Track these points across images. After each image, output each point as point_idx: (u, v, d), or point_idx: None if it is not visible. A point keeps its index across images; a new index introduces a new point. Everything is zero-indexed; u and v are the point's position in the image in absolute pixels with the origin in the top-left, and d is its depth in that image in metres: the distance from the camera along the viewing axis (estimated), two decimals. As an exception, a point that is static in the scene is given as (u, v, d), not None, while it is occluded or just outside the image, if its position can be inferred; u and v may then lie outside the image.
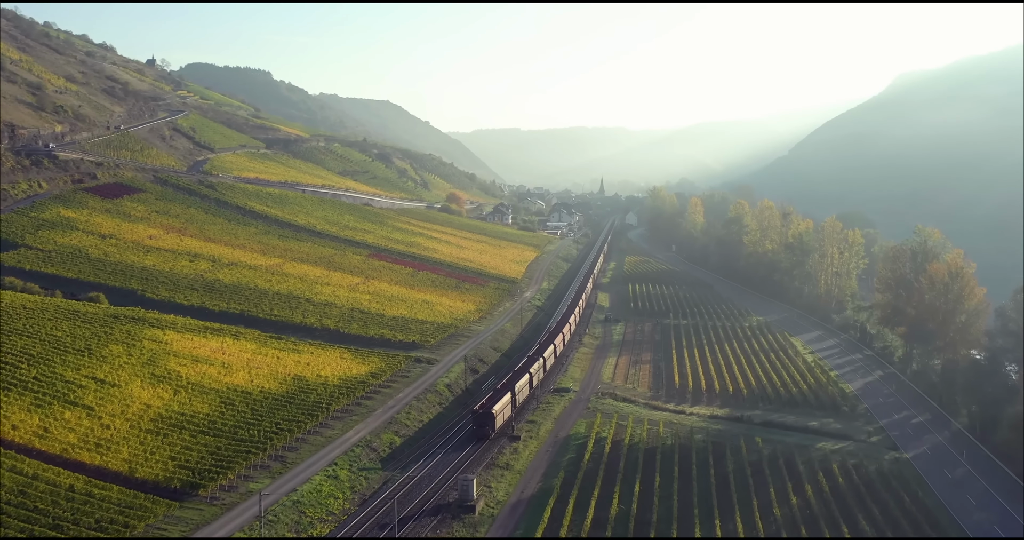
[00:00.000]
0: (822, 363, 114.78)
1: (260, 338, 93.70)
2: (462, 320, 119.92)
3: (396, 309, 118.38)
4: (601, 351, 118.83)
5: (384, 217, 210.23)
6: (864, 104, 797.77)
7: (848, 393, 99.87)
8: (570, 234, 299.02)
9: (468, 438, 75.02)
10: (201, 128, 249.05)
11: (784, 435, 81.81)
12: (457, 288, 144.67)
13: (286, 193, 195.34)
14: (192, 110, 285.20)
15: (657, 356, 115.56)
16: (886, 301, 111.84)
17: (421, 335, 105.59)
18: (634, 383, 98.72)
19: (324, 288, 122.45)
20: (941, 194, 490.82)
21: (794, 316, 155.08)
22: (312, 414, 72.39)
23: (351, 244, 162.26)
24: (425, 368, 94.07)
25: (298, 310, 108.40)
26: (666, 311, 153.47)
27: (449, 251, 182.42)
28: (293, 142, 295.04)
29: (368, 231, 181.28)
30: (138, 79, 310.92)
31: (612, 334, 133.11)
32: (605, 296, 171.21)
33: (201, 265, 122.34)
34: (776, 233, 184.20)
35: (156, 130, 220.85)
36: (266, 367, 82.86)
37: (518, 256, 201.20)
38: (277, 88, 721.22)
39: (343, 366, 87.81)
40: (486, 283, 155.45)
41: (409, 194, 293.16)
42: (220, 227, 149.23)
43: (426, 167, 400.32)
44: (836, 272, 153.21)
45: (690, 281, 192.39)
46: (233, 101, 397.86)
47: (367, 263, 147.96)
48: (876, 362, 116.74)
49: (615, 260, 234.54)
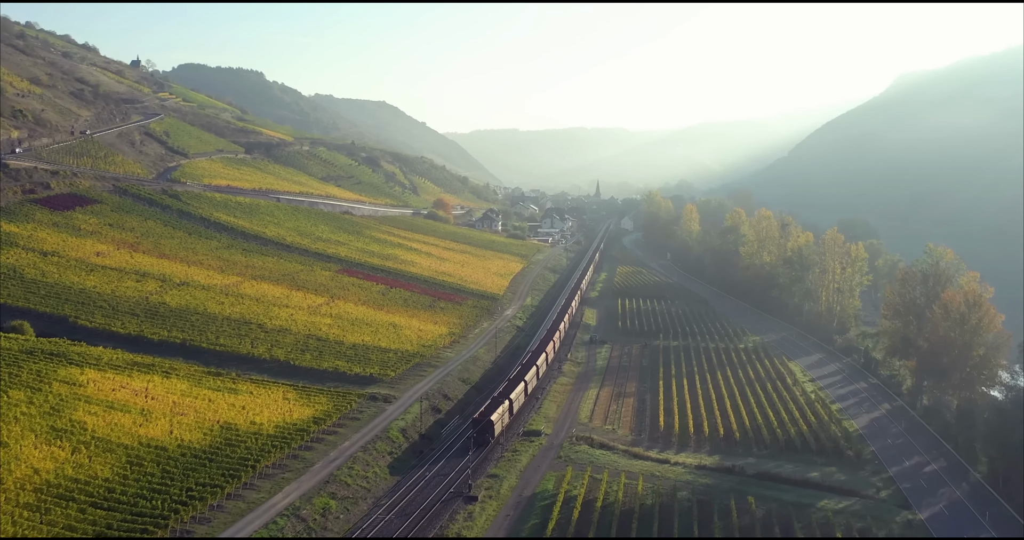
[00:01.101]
0: (823, 395, 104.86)
1: (195, 375, 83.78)
2: (431, 346, 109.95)
3: (358, 335, 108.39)
4: (582, 381, 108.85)
5: (363, 227, 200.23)
6: (864, 105, 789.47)
7: (852, 433, 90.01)
8: (562, 241, 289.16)
9: (414, 500, 65.23)
10: (176, 132, 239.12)
11: (781, 491, 71.85)
12: (431, 307, 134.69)
13: (258, 202, 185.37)
14: (170, 113, 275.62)
15: (643, 387, 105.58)
16: (894, 329, 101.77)
17: (381, 367, 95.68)
18: (614, 424, 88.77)
19: (281, 311, 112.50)
20: (943, 197, 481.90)
21: (793, 336, 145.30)
22: (235, 474, 62.50)
23: (321, 258, 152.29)
24: (380, 408, 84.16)
25: (247, 338, 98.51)
26: (656, 331, 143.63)
27: (428, 264, 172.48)
28: (275, 146, 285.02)
29: (342, 243, 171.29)
30: (116, 81, 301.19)
31: (596, 358, 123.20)
32: (593, 313, 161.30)
33: (148, 285, 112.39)
34: (774, 244, 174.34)
35: (125, 135, 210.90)
36: (192, 413, 72.88)
37: (503, 268, 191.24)
38: (270, 89, 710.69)
39: (284, 409, 77.85)
40: (464, 300, 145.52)
41: (395, 200, 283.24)
42: (178, 241, 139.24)
43: (416, 171, 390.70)
44: (838, 288, 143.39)
45: (683, 295, 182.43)
46: (218, 103, 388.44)
47: (335, 280, 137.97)
48: (882, 393, 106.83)
49: (607, 270, 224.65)
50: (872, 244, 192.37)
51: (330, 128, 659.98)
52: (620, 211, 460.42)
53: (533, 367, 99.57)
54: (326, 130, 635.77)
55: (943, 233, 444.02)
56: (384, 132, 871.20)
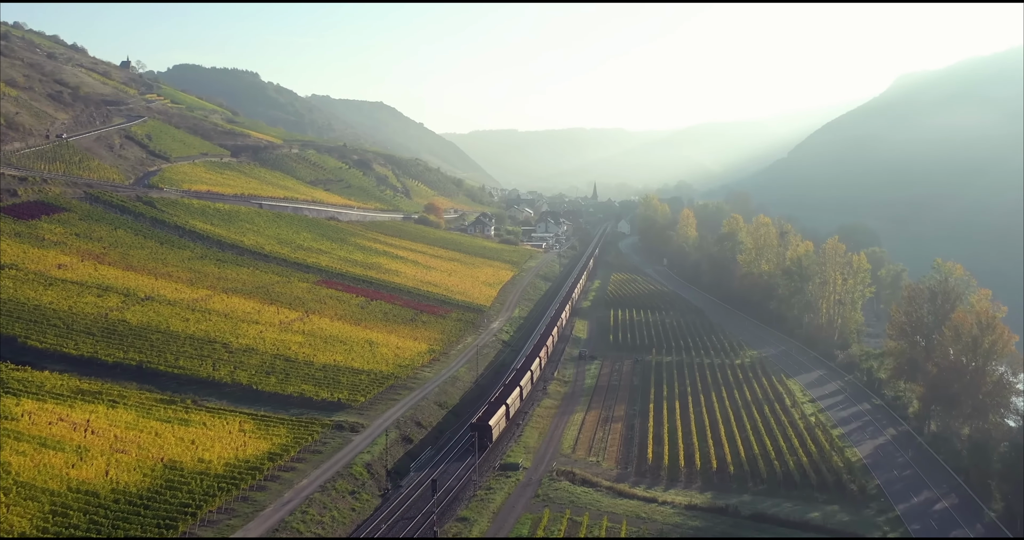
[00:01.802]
0: (824, 418, 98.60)
1: (144, 404, 77.52)
2: (407, 366, 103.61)
3: (330, 354, 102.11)
4: (568, 403, 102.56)
5: (348, 233, 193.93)
6: (864, 106, 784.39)
7: (855, 463, 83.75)
8: (556, 246, 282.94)
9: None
10: (158, 135, 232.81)
11: (778, 534, 65.65)
12: (412, 321, 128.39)
13: (238, 208, 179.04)
14: (155, 115, 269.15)
15: (632, 410, 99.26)
16: (900, 350, 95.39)
17: (351, 391, 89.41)
18: (599, 455, 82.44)
19: (250, 328, 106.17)
20: (945, 200, 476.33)
21: (792, 349, 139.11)
22: (171, 524, 56.25)
23: (300, 269, 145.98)
24: (345, 438, 77.90)
25: (209, 359, 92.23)
26: (649, 344, 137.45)
27: (414, 273, 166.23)
28: (263, 149, 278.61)
29: (324, 251, 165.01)
30: (100, 82, 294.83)
31: (585, 376, 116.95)
32: (584, 325, 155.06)
33: (110, 301, 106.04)
34: (773, 253, 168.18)
35: (104, 138, 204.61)
36: (135, 450, 66.59)
37: (492, 277, 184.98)
38: (264, 90, 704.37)
39: (238, 443, 71.55)
40: (448, 313, 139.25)
41: (385, 204, 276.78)
42: (148, 252, 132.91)
43: (410, 173, 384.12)
44: (839, 300, 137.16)
45: (679, 305, 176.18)
46: (208, 104, 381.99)
47: (312, 293, 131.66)
48: (886, 415, 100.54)
49: (600, 277, 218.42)
50: (874, 252, 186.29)
51: (325, 129, 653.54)
52: (617, 214, 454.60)
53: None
54: (321, 131, 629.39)
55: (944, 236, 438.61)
56: (381, 133, 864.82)
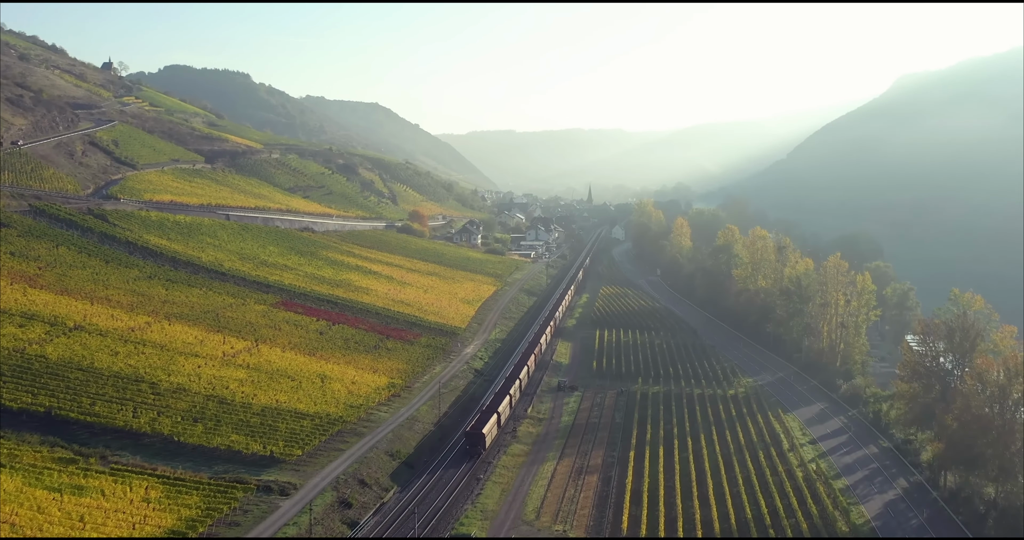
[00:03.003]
0: (825, 466, 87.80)
1: (37, 465, 66.72)
2: (361, 406, 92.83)
3: (273, 392, 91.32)
4: (540, 447, 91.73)
5: (320, 246, 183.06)
6: (864, 107, 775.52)
7: (862, 526, 73.02)
8: (545, 255, 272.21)
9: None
10: (127, 141, 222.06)
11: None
12: (375, 349, 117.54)
13: (202, 220, 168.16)
14: (129, 119, 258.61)
15: (611, 456, 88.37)
16: (912, 394, 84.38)
17: (288, 441, 78.65)
18: (567, 521, 71.48)
19: (187, 363, 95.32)
20: (946, 203, 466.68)
21: (791, 376, 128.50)
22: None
23: (259, 288, 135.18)
24: (272, 505, 67.12)
25: (131, 403, 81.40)
26: (636, 371, 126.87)
27: (386, 291, 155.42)
28: (241, 154, 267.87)
29: (290, 268, 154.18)
30: (73, 85, 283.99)
31: (562, 412, 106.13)
32: (567, 347, 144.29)
33: (33, 331, 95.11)
34: (770, 268, 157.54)
35: (65, 145, 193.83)
36: (4, 533, 55.85)
37: (472, 292, 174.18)
38: (255, 91, 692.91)
39: (137, 517, 60.83)
40: (417, 337, 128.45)
41: (368, 212, 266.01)
42: (90, 272, 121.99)
43: (398, 177, 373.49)
44: (841, 323, 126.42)
45: (670, 323, 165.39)
46: (191, 107, 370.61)
47: (268, 317, 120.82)
48: (896, 462, 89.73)
49: (589, 290, 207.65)
50: (879, 267, 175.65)
51: (316, 132, 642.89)
52: (612, 218, 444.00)
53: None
54: (312, 134, 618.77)
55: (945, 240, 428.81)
56: (376, 135, 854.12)
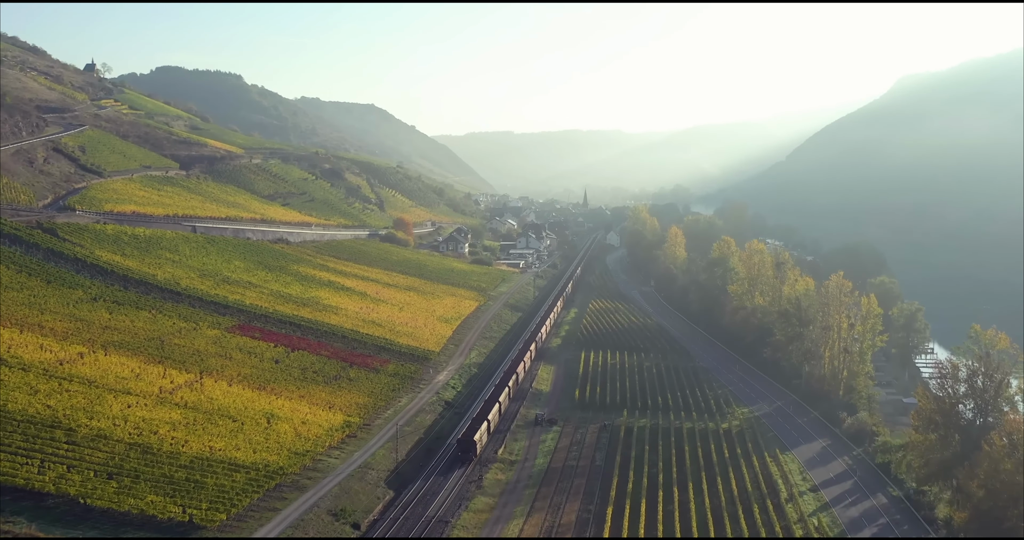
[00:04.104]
0: (827, 522, 77.86)
1: (-98, 543, 56.85)
2: (307, 453, 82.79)
3: (210, 437, 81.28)
4: (507, 501, 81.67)
5: (292, 259, 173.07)
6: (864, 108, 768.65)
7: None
8: (536, 264, 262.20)
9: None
10: (95, 147, 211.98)
11: None
12: (336, 380, 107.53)
13: (164, 233, 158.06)
14: (103, 123, 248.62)
15: (586, 513, 78.30)
16: (927, 445, 74.22)
17: (213, 501, 68.63)
18: (528, 603, 61.63)
19: (117, 401, 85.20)
20: (949, 208, 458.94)
21: (790, 406, 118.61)
22: None
23: (216, 309, 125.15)
24: (180, 589, 57.20)
25: (39, 455, 71.34)
26: (622, 401, 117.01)
27: (357, 309, 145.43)
28: (219, 160, 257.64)
29: (254, 285, 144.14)
30: (46, 88, 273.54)
31: (537, 453, 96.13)
32: (548, 372, 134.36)
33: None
34: (768, 285, 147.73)
35: (25, 152, 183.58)
36: None
37: (452, 309, 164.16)
38: (247, 93, 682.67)
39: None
40: (386, 364, 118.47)
41: (351, 220, 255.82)
42: (27, 294, 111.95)
43: (387, 182, 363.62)
44: (845, 348, 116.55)
45: (662, 343, 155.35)
46: (174, 110, 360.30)
47: (219, 343, 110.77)
48: (908, 517, 79.70)
49: (579, 304, 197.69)
50: (883, 283, 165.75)
51: (308, 134, 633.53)
52: (608, 223, 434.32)
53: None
54: (304, 136, 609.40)
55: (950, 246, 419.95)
56: (371, 136, 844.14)
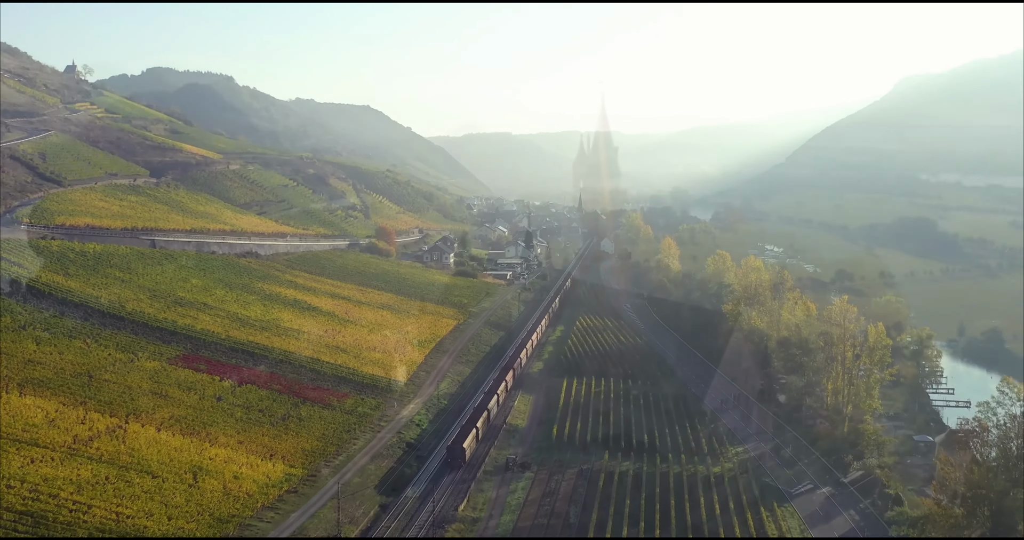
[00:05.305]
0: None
1: None
2: (234, 518, 71.85)
3: (120, 500, 70.32)
4: (463, 573, 70.94)
5: (258, 275, 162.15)
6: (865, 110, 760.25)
7: None
8: (524, 275, 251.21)
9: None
10: (57, 154, 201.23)
11: None
12: (284, 420, 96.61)
13: (117, 249, 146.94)
14: (72, 128, 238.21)
15: (553, 591, 67.59)
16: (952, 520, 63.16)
17: (104, 592, 57.85)
18: None
19: (19, 456, 74.05)
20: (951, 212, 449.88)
21: (789, 444, 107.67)
22: None
23: (161, 337, 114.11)
24: None
25: (-95, 532, 60.66)
26: (604, 439, 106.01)
27: (322, 332, 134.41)
28: (194, 167, 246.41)
29: (209, 306, 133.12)
30: (16, 91, 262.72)
31: (503, 509, 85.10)
32: (527, 403, 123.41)
33: None
34: (765, 306, 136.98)
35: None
36: None
37: (428, 329, 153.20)
38: (238, 94, 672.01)
39: None
40: (344, 398, 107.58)
41: (331, 228, 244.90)
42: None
43: (375, 187, 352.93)
44: (849, 382, 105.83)
45: (652, 368, 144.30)
46: (154, 113, 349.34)
47: (157, 378, 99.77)
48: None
49: (566, 321, 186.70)
50: (889, 302, 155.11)
51: (300, 136, 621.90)
52: (602, 228, 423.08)
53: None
54: (295, 139, 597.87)
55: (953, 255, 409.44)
56: (365, 138, 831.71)
